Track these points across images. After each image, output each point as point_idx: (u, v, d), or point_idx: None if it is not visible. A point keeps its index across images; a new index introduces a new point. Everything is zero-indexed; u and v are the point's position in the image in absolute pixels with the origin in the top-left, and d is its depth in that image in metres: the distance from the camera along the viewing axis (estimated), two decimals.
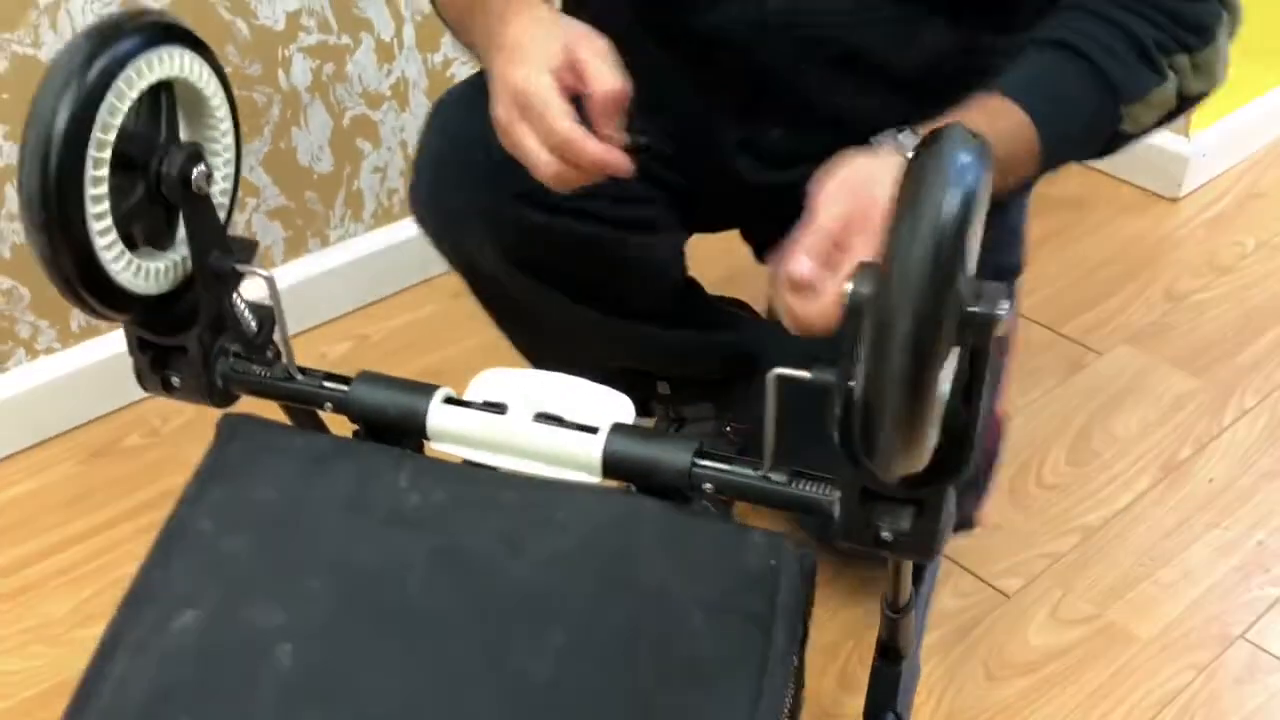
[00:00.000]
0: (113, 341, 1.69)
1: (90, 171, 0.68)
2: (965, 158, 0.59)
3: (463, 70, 1.86)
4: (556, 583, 0.73)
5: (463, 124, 1.11)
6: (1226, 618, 1.41)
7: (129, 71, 0.69)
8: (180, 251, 0.77)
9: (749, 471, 0.74)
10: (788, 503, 0.73)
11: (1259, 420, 1.68)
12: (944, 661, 1.35)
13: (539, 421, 0.77)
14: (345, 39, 1.72)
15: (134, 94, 0.69)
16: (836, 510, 0.70)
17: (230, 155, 0.79)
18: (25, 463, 1.64)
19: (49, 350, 1.65)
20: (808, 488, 0.73)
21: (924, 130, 0.87)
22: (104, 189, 0.69)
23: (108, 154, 0.69)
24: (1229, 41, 1.02)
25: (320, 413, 0.87)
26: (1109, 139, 1.01)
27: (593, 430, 0.76)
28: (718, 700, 0.68)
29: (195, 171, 0.74)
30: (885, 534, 0.69)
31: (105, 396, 1.70)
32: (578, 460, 0.76)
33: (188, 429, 1.70)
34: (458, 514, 0.76)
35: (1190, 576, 1.47)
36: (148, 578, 0.77)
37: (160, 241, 0.76)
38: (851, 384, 0.65)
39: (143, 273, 0.73)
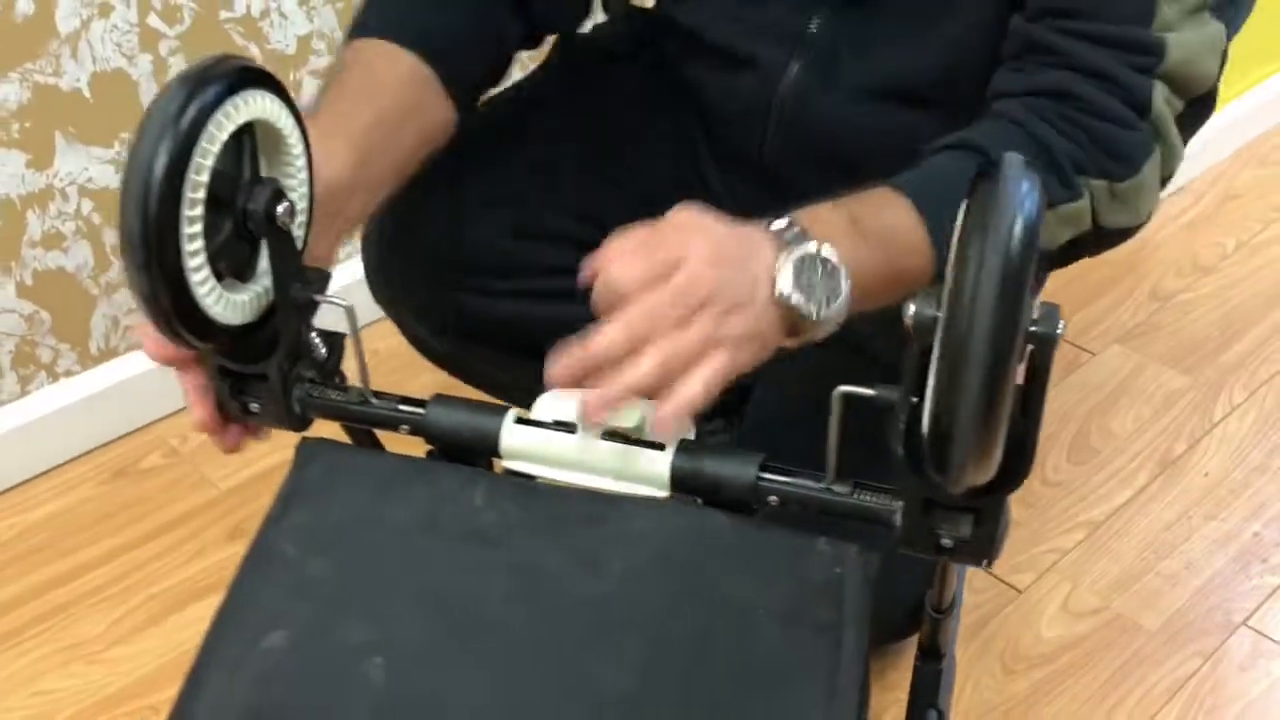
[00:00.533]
0: (130, 364, 1.71)
1: (186, 212, 0.71)
2: (1026, 184, 0.64)
3: None
4: (632, 595, 0.75)
5: (407, 208, 1.13)
6: (1228, 606, 1.47)
7: (218, 116, 0.71)
8: (261, 283, 0.80)
9: (812, 484, 0.77)
10: (850, 513, 0.77)
11: (1248, 415, 1.74)
12: (962, 656, 1.40)
13: (608, 439, 0.80)
14: None
15: (223, 136, 0.72)
16: (897, 519, 0.74)
17: (305, 190, 0.82)
18: (49, 484, 1.66)
19: (69, 373, 1.67)
20: (869, 498, 0.76)
21: (803, 219, 0.85)
22: (198, 228, 0.72)
23: (202, 194, 0.71)
24: (1159, 178, 0.97)
25: (375, 432, 0.91)
26: None
27: (660, 447, 0.80)
28: (792, 707, 0.71)
29: (280, 208, 0.77)
30: (945, 541, 0.73)
31: (124, 417, 1.73)
32: (647, 476, 0.79)
33: (206, 448, 1.72)
34: (533, 530, 0.79)
35: (1192, 567, 1.52)
36: (236, 599, 0.79)
37: (243, 274, 0.79)
38: (914, 400, 0.70)
39: (229, 305, 0.76)
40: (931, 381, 0.65)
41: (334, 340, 0.87)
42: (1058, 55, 0.95)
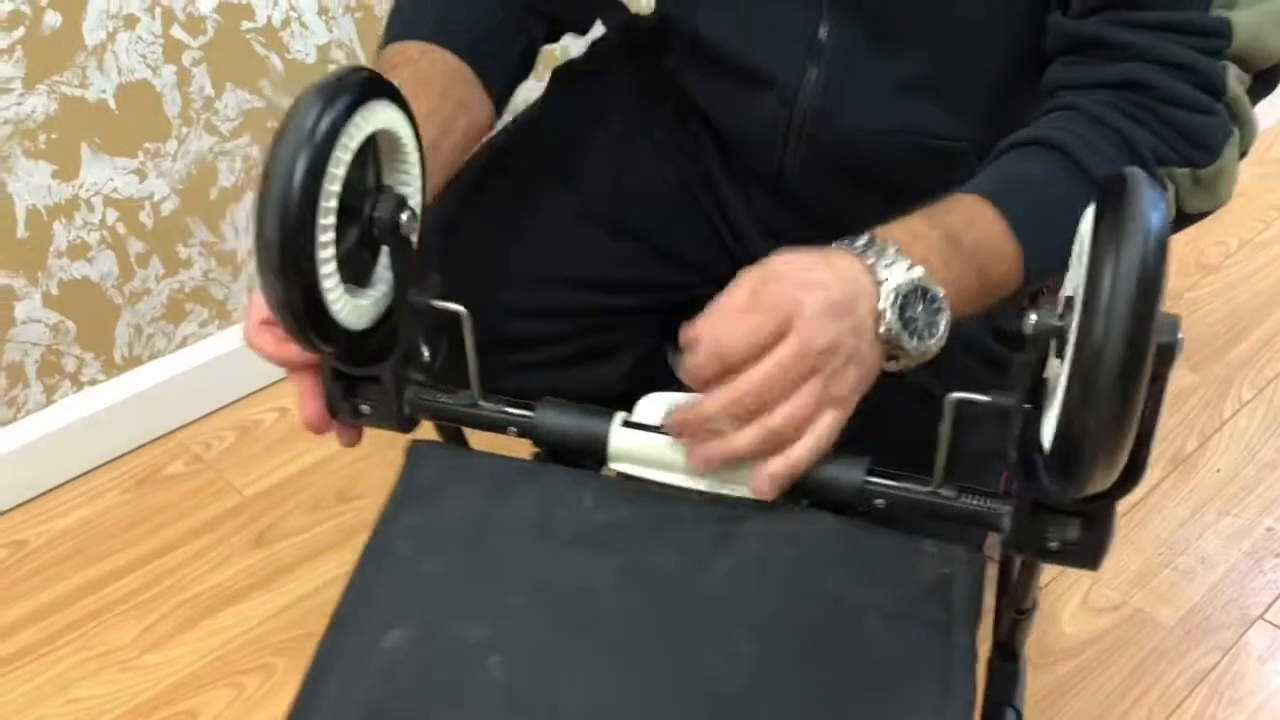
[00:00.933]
0: (152, 372, 1.73)
1: (320, 220, 0.73)
2: (1155, 195, 0.65)
3: None
4: (742, 594, 0.77)
5: None
6: (1245, 600, 1.50)
7: (349, 127, 0.74)
8: (379, 289, 0.82)
9: (919, 487, 0.79)
10: (956, 516, 0.78)
11: (1257, 412, 1.77)
12: (985, 652, 1.42)
13: None
14: None
15: (354, 147, 0.74)
16: (1005, 523, 0.76)
17: (419, 197, 0.84)
18: (75, 491, 1.67)
19: (93, 382, 1.68)
20: (976, 502, 0.78)
21: (882, 234, 0.84)
22: (330, 235, 0.74)
23: (334, 203, 0.73)
24: (1236, 159, 0.95)
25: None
26: None
27: None
28: (905, 704, 0.73)
29: (403, 216, 0.79)
30: (1053, 544, 0.74)
31: (146, 425, 1.74)
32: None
33: (229, 454, 1.74)
34: (642, 531, 0.81)
35: (1207, 562, 1.55)
36: (354, 599, 0.80)
37: (361, 280, 0.81)
38: (1028, 407, 0.71)
39: (353, 310, 0.78)
40: (1061, 391, 0.66)
41: (437, 343, 0.89)
42: (1120, 48, 0.93)
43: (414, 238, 0.81)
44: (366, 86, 0.76)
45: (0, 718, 1.39)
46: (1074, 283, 0.77)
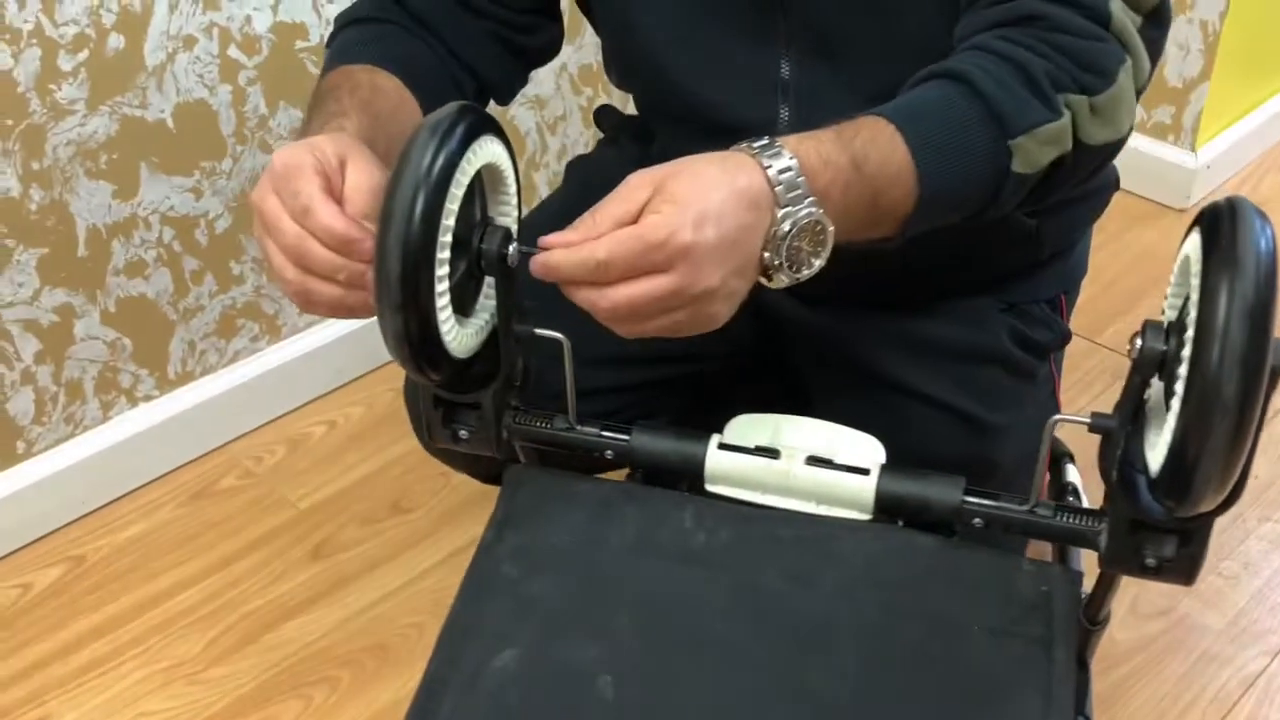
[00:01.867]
0: (205, 387, 1.75)
1: (437, 254, 0.75)
2: (1262, 222, 0.68)
3: (522, 113, 1.94)
4: (846, 612, 0.80)
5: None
6: None
7: (463, 163, 0.76)
8: (481, 318, 0.84)
9: (1016, 506, 0.82)
10: (1054, 534, 0.81)
11: None
12: None
13: (811, 464, 0.85)
14: None
15: (466, 182, 0.77)
16: (1102, 540, 0.79)
17: (515, 228, 0.86)
18: (131, 506, 1.69)
19: (147, 397, 1.70)
20: (1072, 520, 0.81)
21: (794, 149, 0.82)
22: (445, 269, 0.76)
23: (449, 237, 0.76)
24: (1133, 88, 0.93)
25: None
26: (997, 179, 0.89)
27: (864, 471, 0.84)
28: (1010, 719, 0.76)
29: (510, 248, 0.81)
30: (1150, 561, 0.77)
31: (199, 440, 1.76)
32: (851, 499, 0.84)
33: (280, 468, 1.76)
34: (744, 551, 0.83)
35: (1250, 568, 1.58)
36: (460, 620, 0.83)
37: (466, 310, 0.83)
38: (1128, 429, 0.74)
39: (460, 339, 0.81)
40: (1172, 415, 0.68)
41: (528, 370, 0.91)
42: None
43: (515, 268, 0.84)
44: (477, 123, 0.79)
45: None
46: (1175, 307, 0.79)
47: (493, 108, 1.10)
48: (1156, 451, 0.75)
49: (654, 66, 1.09)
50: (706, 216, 0.78)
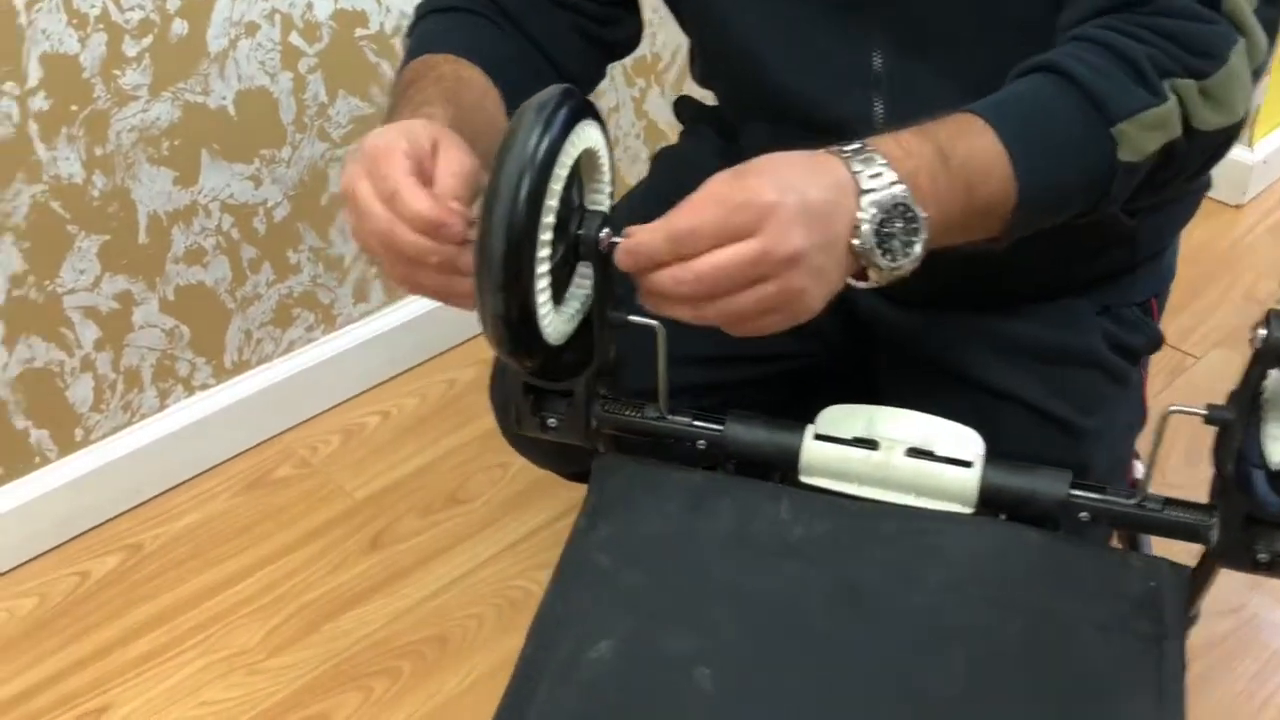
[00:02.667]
0: (261, 377, 1.74)
1: (539, 238, 0.74)
2: None
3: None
4: (951, 607, 0.78)
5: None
6: None
7: (566, 147, 0.75)
8: (573, 305, 0.83)
9: (1124, 500, 0.80)
10: (1163, 528, 0.80)
11: None
12: None
13: (911, 456, 0.83)
14: None
15: (569, 164, 0.76)
16: (1214, 535, 0.77)
17: (603, 214, 0.85)
18: (187, 495, 1.69)
19: (204, 386, 1.70)
20: (1183, 514, 0.79)
21: (873, 143, 0.81)
22: (546, 253, 0.75)
23: (551, 220, 0.75)
24: (1248, 70, 0.89)
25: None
26: (1105, 170, 0.86)
27: (967, 464, 0.82)
28: (1123, 717, 0.74)
29: (605, 233, 0.80)
30: (1262, 556, 0.76)
31: (254, 429, 1.76)
32: (953, 492, 0.82)
33: (335, 458, 1.75)
34: (843, 544, 0.81)
35: None
36: (553, 611, 0.81)
37: (560, 296, 0.82)
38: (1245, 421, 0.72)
39: (555, 325, 0.79)
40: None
41: (618, 359, 0.89)
42: None
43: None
44: (578, 108, 0.78)
45: None
46: None
47: None
48: (1274, 445, 0.73)
49: (744, 62, 1.07)
50: (789, 183, 0.77)
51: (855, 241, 0.79)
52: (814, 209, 0.77)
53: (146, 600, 1.55)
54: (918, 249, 0.80)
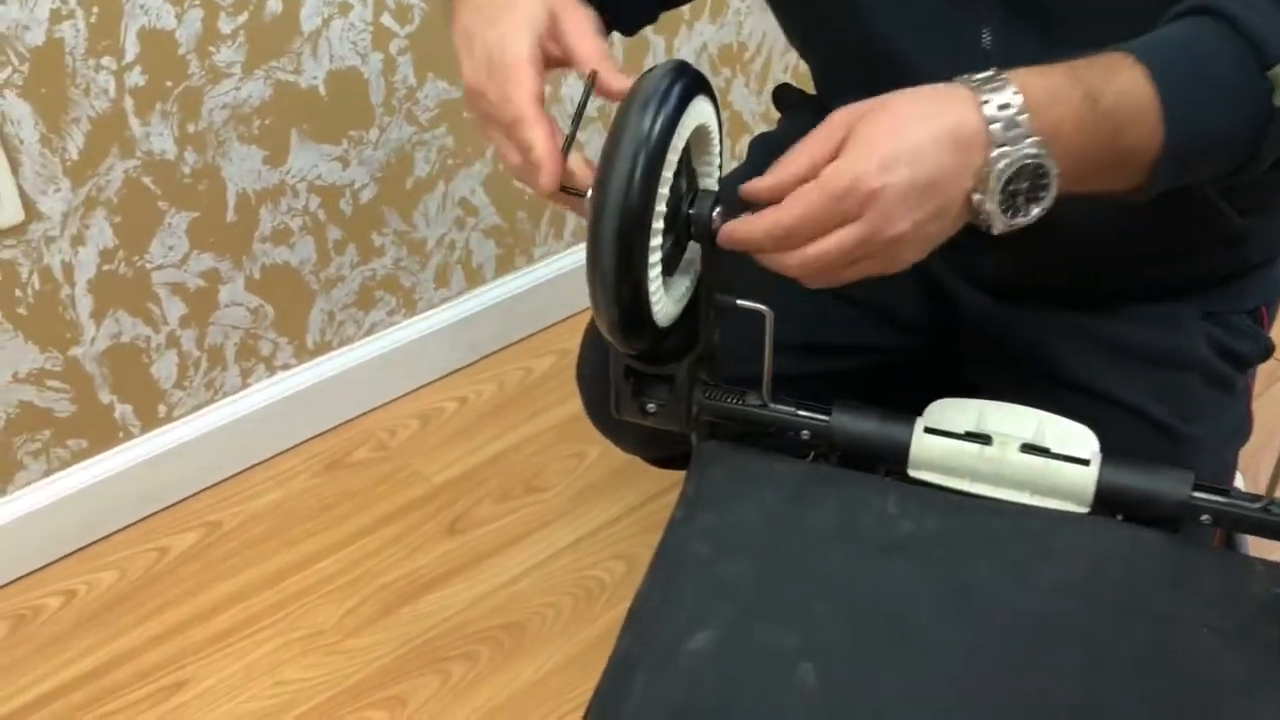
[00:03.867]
0: (341, 359, 1.74)
1: (653, 222, 0.73)
2: None
3: None
4: (1067, 609, 0.76)
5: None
6: None
7: (680, 126, 0.74)
8: (681, 286, 0.82)
9: (1248, 503, 0.78)
10: None
11: None
12: None
13: (1025, 452, 0.81)
14: None
15: (682, 145, 0.74)
16: None
17: (717, 189, 0.83)
18: (266, 474, 1.69)
19: (285, 366, 1.70)
20: None
21: (1020, 84, 0.76)
22: (659, 239, 0.74)
23: (663, 208, 0.73)
24: None
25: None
26: (1259, 117, 0.80)
27: (1084, 461, 0.80)
28: None
29: (717, 213, 0.78)
30: None
31: (333, 411, 1.76)
32: (1068, 491, 0.80)
33: (412, 442, 1.75)
34: (954, 542, 0.79)
35: None
36: (650, 600, 0.79)
37: (668, 277, 0.81)
38: None
39: (663, 307, 0.78)
40: None
41: (720, 344, 0.88)
42: None
43: None
44: (693, 84, 0.76)
45: (212, 697, 1.41)
46: None
47: None
48: None
49: (848, 34, 1.05)
50: (898, 158, 0.74)
51: (976, 196, 0.76)
52: (923, 184, 0.74)
53: (224, 578, 1.55)
54: (1038, 209, 0.77)
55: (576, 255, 1.93)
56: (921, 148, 0.74)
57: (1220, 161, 0.83)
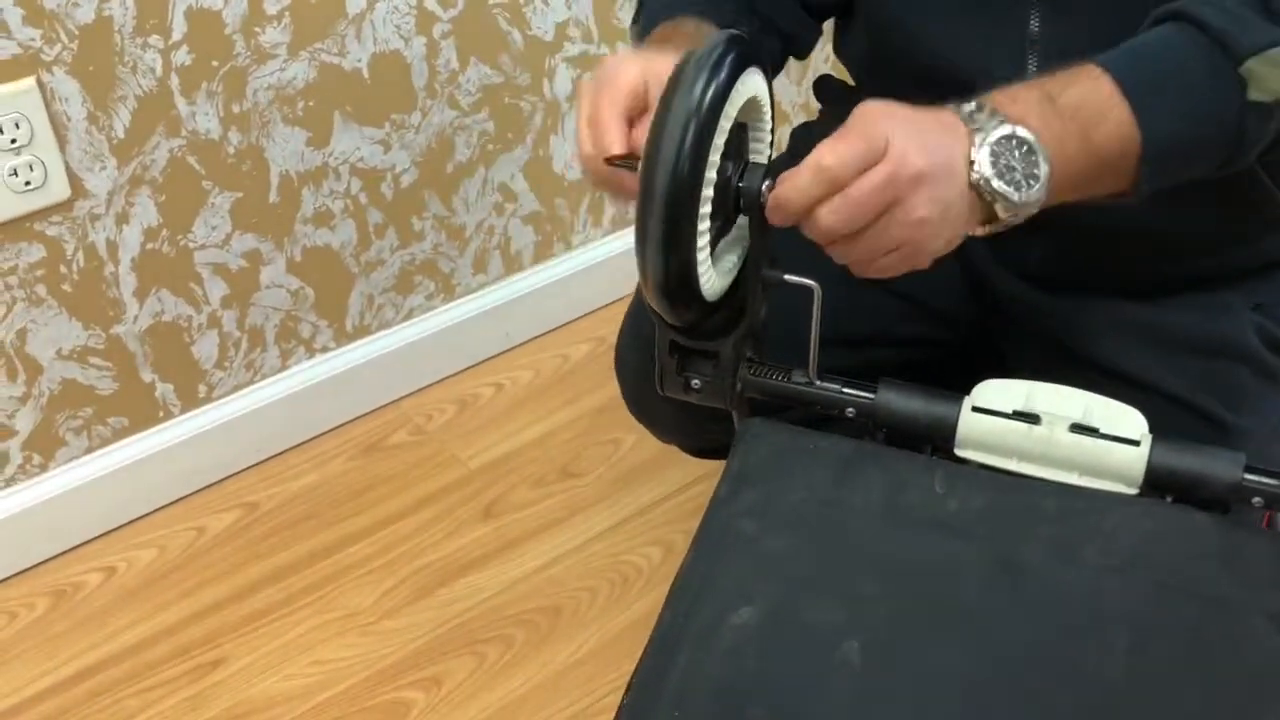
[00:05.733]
0: (379, 343, 1.75)
1: (702, 192, 0.73)
2: None
3: None
4: (1115, 590, 0.75)
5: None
6: None
7: (733, 95, 0.73)
8: (729, 260, 0.81)
9: None
10: None
11: None
12: None
13: (1075, 432, 0.80)
14: (604, 49, 1.77)
15: (734, 115, 0.74)
16: None
17: (767, 163, 0.83)
18: (304, 456, 1.70)
19: (324, 349, 1.71)
20: None
21: (995, 98, 0.81)
22: (708, 207, 0.74)
23: (714, 175, 0.73)
24: None
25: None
26: (1234, 112, 0.83)
27: (1134, 442, 0.79)
28: None
29: (767, 185, 0.78)
30: None
31: (371, 394, 1.76)
32: (1118, 471, 0.79)
33: (450, 427, 1.75)
34: (1001, 520, 0.79)
35: None
36: (694, 575, 0.79)
37: (715, 250, 0.80)
38: None
39: (710, 280, 0.78)
40: None
41: (766, 321, 0.87)
42: None
43: None
44: (747, 54, 0.76)
45: (248, 675, 1.41)
46: None
47: None
48: None
49: (897, 26, 1.04)
50: (897, 112, 0.78)
51: (974, 175, 0.79)
52: (925, 131, 0.78)
53: (262, 558, 1.56)
54: (1042, 177, 0.79)
55: (614, 244, 1.93)
56: (914, 112, 0.79)
57: (1205, 159, 0.85)
